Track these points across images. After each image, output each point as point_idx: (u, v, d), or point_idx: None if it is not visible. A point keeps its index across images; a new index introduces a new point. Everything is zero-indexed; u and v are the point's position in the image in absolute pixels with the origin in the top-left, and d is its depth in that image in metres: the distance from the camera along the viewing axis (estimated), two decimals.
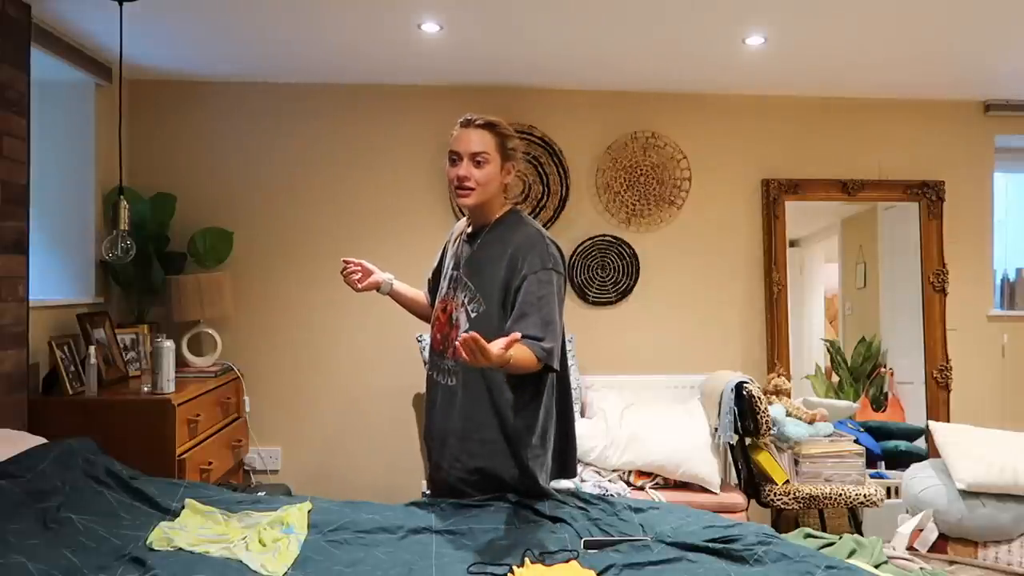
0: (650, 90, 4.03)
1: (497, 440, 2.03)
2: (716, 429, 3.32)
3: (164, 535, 1.83)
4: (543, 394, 2.06)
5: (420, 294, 2.40)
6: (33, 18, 2.90)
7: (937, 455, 3.33)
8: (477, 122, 2.06)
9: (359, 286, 2.26)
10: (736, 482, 3.55)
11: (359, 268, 2.28)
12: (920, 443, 3.95)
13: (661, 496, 3.20)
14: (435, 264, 2.34)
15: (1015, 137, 4.21)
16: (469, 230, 2.17)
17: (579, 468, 3.40)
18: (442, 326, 2.14)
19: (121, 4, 2.84)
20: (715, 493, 3.27)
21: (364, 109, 3.97)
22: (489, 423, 2.03)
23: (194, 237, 3.70)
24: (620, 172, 4.02)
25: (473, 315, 2.05)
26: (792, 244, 4.23)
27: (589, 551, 1.77)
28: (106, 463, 2.15)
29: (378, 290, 2.31)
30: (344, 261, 2.26)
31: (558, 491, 2.13)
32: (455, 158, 2.07)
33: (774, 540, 1.80)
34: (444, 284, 2.19)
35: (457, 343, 1.72)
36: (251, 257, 3.93)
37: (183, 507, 2.01)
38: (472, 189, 2.03)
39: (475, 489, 2.06)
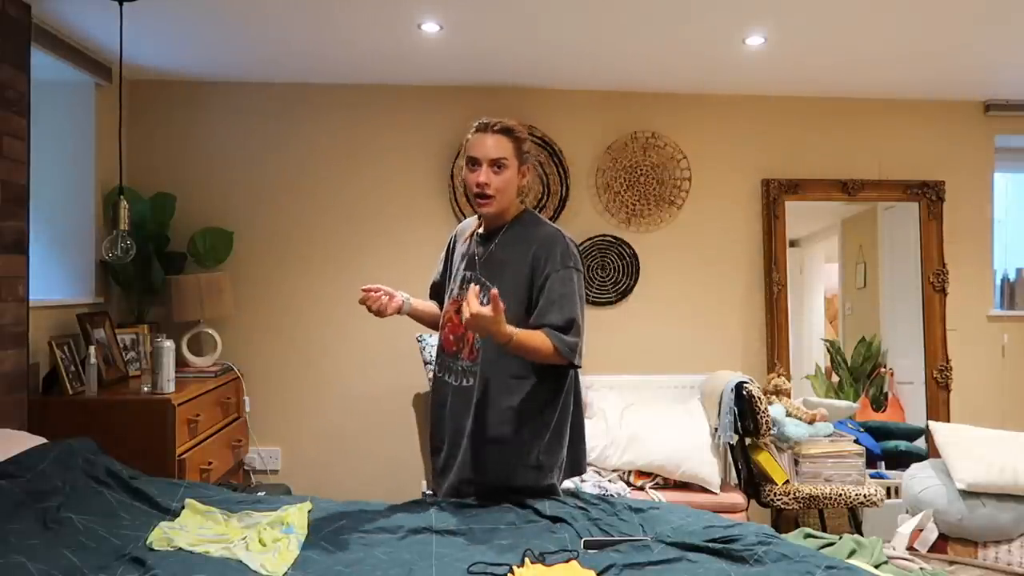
0: (650, 90, 4.03)
1: (515, 439, 2.03)
2: (716, 429, 3.32)
3: (164, 535, 1.83)
4: (563, 392, 2.08)
5: (432, 305, 2.32)
6: (33, 18, 2.90)
7: (937, 455, 3.33)
8: (495, 127, 2.02)
9: (387, 312, 2.11)
10: (736, 482, 3.55)
11: (380, 293, 2.12)
12: (920, 443, 3.95)
13: (661, 496, 3.20)
14: (440, 268, 2.31)
15: (1015, 137, 4.21)
16: (481, 230, 2.15)
17: None
18: (455, 327, 2.10)
19: (121, 4, 2.84)
20: (715, 493, 3.27)
21: (364, 109, 3.97)
22: (507, 422, 2.03)
23: (194, 237, 3.70)
24: (620, 172, 4.02)
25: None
26: (792, 244, 4.22)
27: (589, 551, 1.77)
28: (106, 463, 2.15)
29: (399, 311, 2.19)
30: (364, 290, 2.10)
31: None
32: (474, 164, 2.04)
33: (774, 540, 1.80)
34: (455, 286, 2.15)
35: (467, 306, 1.81)
36: (251, 257, 3.93)
37: (183, 507, 2.01)
38: (492, 197, 2.02)
39: (483, 491, 2.05)
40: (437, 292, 2.32)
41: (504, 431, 2.03)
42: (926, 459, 3.55)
